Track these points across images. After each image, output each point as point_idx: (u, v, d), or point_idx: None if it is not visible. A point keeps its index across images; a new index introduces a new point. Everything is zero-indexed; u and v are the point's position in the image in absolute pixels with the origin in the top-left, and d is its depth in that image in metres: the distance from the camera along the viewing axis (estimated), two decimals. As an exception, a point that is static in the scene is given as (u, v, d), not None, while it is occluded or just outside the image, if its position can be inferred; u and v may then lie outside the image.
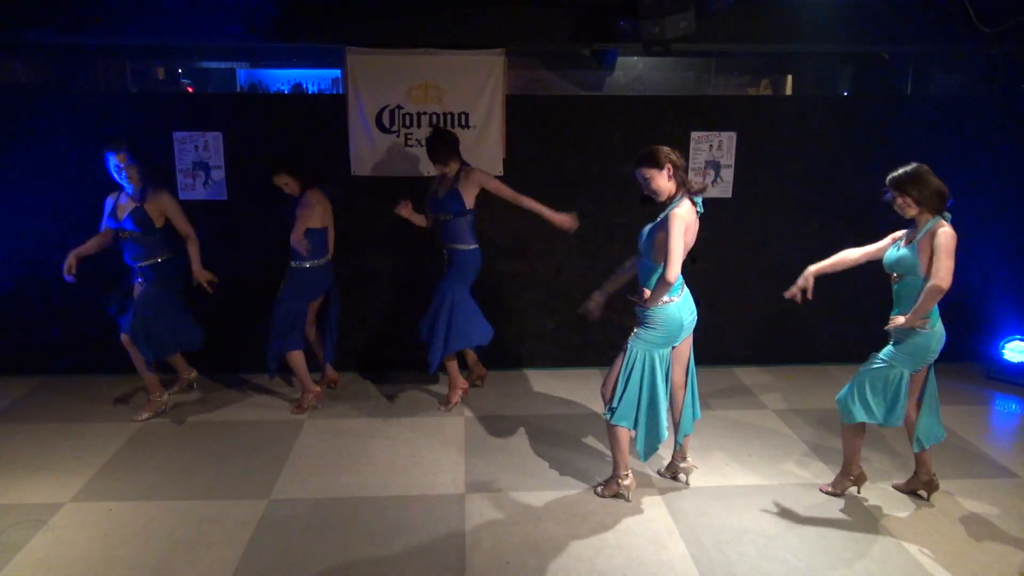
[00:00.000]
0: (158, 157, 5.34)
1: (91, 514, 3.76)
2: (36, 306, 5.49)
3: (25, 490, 3.95)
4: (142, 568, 3.37)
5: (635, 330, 3.78)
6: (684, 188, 3.64)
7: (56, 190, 5.38)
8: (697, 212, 3.67)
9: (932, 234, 3.55)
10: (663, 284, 3.56)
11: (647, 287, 3.69)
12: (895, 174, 3.65)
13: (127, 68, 7.51)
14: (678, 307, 3.72)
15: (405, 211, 4.87)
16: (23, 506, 3.80)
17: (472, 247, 4.88)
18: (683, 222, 3.54)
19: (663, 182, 3.62)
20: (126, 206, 4.67)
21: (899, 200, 3.64)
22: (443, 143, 4.73)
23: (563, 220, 4.76)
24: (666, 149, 3.65)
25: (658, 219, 3.65)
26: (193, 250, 4.78)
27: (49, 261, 5.37)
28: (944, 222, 3.57)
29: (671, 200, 3.64)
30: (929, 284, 3.51)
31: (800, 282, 3.97)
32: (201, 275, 4.78)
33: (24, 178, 5.35)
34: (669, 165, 3.61)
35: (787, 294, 4.00)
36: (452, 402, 5.10)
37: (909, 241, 3.67)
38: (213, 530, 3.67)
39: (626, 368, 3.74)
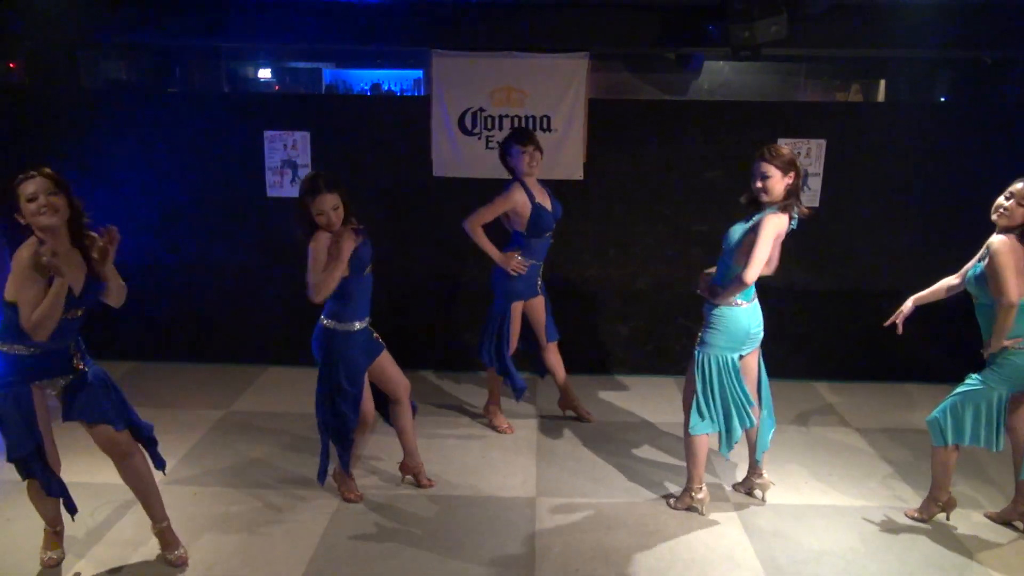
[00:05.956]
0: (249, 155, 5.54)
1: (176, 497, 3.90)
2: (130, 295, 5.76)
3: (115, 471, 4.13)
4: (223, 551, 3.49)
5: (699, 336, 3.72)
6: (788, 202, 3.52)
7: (152, 185, 5.63)
8: (790, 227, 3.57)
9: (990, 247, 3.43)
10: (739, 283, 3.47)
11: (720, 286, 3.63)
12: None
13: (222, 68, 7.80)
14: (746, 313, 3.64)
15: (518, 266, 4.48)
16: (113, 486, 3.93)
17: None
18: (776, 229, 3.46)
19: (780, 186, 3.49)
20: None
21: (1003, 202, 3.46)
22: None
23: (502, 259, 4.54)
24: (792, 152, 3.55)
25: (751, 221, 3.54)
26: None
27: (144, 253, 5.64)
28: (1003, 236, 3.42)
29: (770, 206, 3.53)
30: (998, 303, 3.38)
31: (904, 308, 3.85)
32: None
33: (122, 173, 5.61)
34: (794, 173, 3.50)
35: (887, 323, 3.90)
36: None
37: (979, 259, 3.54)
38: (290, 519, 3.77)
39: (699, 377, 3.69)
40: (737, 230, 3.61)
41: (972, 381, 3.60)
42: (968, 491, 4.12)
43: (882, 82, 8.48)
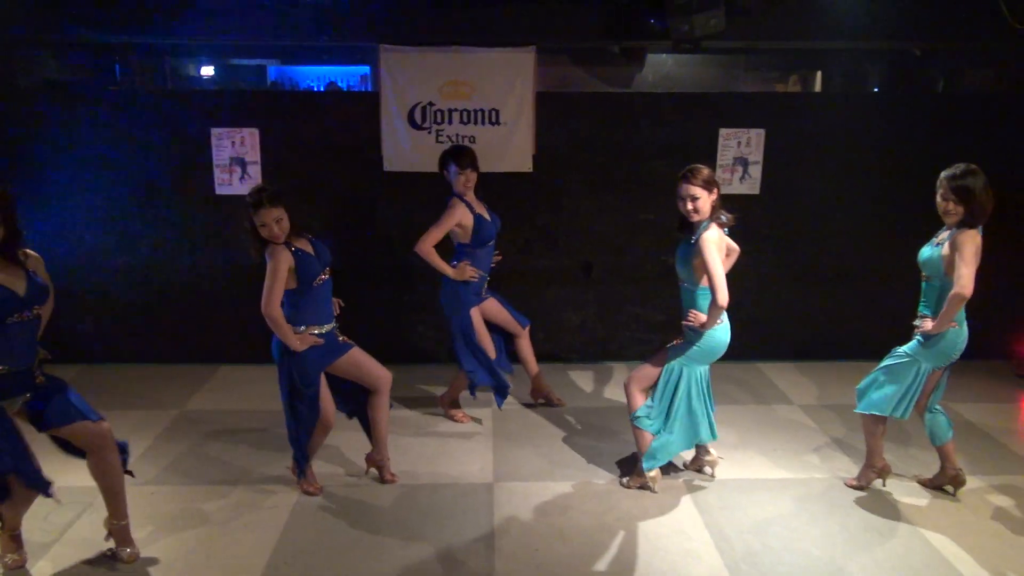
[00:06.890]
0: (196, 152, 5.50)
1: (133, 497, 3.83)
2: (76, 296, 5.66)
3: (71, 474, 4.06)
4: (183, 548, 3.50)
5: (678, 343, 3.86)
6: (716, 215, 3.66)
7: (96, 185, 5.54)
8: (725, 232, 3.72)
9: (955, 238, 3.56)
10: (716, 309, 3.61)
11: (695, 310, 3.74)
12: (948, 173, 3.60)
13: (165, 66, 7.67)
14: (724, 329, 3.80)
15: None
16: (69, 488, 3.90)
17: None
18: (716, 246, 3.59)
19: (708, 204, 3.63)
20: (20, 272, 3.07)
21: (941, 203, 3.62)
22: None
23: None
24: (710, 171, 3.68)
25: (691, 243, 3.67)
26: None
27: (88, 253, 5.56)
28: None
29: (700, 223, 3.66)
30: (952, 292, 3.53)
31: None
32: None
33: (66, 173, 5.51)
34: (717, 190, 3.64)
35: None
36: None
37: (939, 242, 3.68)
38: (249, 514, 3.80)
39: (663, 380, 3.84)
40: (682, 252, 3.75)
41: (899, 354, 3.81)
42: (902, 459, 4.34)
43: (819, 73, 8.74)
